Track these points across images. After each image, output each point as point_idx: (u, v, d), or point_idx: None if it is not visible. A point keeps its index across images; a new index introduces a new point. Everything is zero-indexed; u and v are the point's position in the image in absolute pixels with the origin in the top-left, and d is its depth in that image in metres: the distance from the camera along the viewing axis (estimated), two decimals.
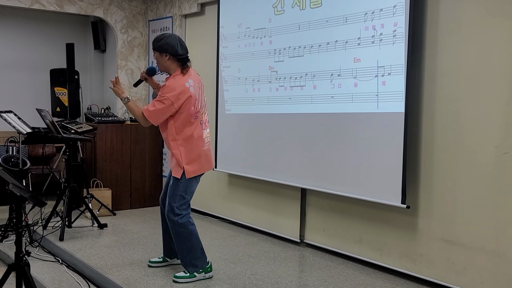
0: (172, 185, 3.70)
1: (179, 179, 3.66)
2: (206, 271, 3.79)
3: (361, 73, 4.00)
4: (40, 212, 5.31)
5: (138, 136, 6.34)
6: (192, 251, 3.73)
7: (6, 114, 4.94)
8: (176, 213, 3.66)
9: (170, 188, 3.72)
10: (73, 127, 5.44)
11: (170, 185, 3.73)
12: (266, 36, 4.85)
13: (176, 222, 3.67)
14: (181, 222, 3.67)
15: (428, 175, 3.71)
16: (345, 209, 4.32)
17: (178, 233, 3.70)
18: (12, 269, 3.00)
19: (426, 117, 3.72)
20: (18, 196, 2.92)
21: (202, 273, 3.76)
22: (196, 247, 3.74)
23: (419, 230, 3.78)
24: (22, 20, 7.20)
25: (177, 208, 3.66)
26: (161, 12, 6.63)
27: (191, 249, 3.72)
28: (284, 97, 4.67)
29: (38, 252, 4.53)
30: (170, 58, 3.60)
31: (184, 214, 3.68)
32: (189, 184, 3.70)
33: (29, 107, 6.31)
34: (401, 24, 3.69)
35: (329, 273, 4.00)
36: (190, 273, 3.73)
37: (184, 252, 3.73)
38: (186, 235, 3.70)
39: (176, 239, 3.73)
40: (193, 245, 3.73)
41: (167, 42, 3.58)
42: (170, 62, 3.61)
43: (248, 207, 5.32)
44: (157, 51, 3.61)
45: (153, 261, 4.09)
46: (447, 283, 3.61)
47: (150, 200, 6.47)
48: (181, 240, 3.71)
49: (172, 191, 3.69)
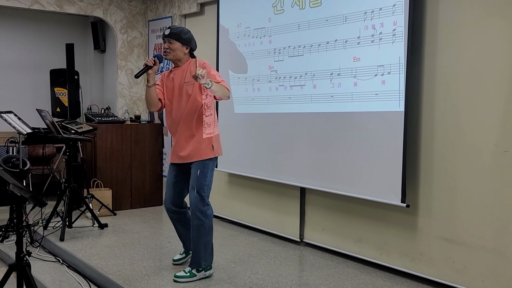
0: (200, 174, 3.66)
1: (207, 167, 3.68)
2: (206, 270, 3.80)
3: (360, 72, 4.00)
4: (40, 213, 5.31)
5: (138, 136, 6.34)
6: (208, 246, 3.77)
7: (6, 114, 4.94)
8: (206, 202, 3.68)
9: (197, 177, 3.66)
10: (73, 127, 5.44)
11: (197, 174, 3.67)
12: (265, 36, 4.85)
13: (205, 213, 3.67)
14: (209, 213, 3.70)
15: (427, 173, 3.72)
16: (344, 208, 4.32)
17: (203, 226, 3.68)
18: (13, 269, 3.01)
19: (426, 116, 3.72)
20: (18, 197, 2.92)
21: (202, 272, 3.77)
22: (210, 243, 3.80)
23: (419, 228, 3.79)
24: (22, 20, 7.21)
25: (206, 197, 3.69)
26: (160, 12, 6.63)
27: (208, 244, 3.76)
28: (284, 96, 4.68)
29: (38, 252, 4.54)
30: (187, 51, 3.79)
31: (209, 204, 3.73)
32: (213, 169, 3.77)
33: (29, 108, 6.32)
34: (401, 23, 3.70)
35: (329, 272, 4.00)
36: (190, 271, 3.74)
37: (201, 247, 3.72)
38: (209, 229, 3.72)
39: (197, 233, 3.70)
40: (210, 241, 3.78)
41: (192, 37, 3.83)
42: (187, 55, 3.80)
43: (248, 207, 5.33)
44: (181, 42, 3.73)
45: (176, 258, 4.11)
46: (447, 282, 3.61)
47: (150, 200, 6.47)
48: (203, 234, 3.70)
49: (200, 179, 3.66)
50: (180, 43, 3.72)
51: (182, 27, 3.85)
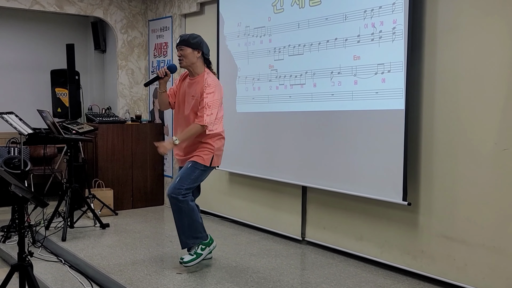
0: (188, 169, 3.86)
1: (200, 165, 3.85)
2: (208, 245, 3.97)
3: (361, 70, 4.01)
4: (42, 213, 5.32)
5: (139, 136, 6.35)
6: (192, 225, 3.90)
7: (7, 115, 4.95)
8: (182, 193, 3.82)
9: (185, 170, 3.87)
10: (74, 127, 5.45)
11: (186, 168, 3.87)
12: (265, 35, 4.86)
13: (179, 199, 3.81)
14: (183, 199, 3.83)
15: (428, 171, 3.72)
16: (345, 206, 4.33)
17: (180, 209, 3.85)
18: (15, 270, 3.02)
19: (426, 114, 3.72)
20: (20, 197, 2.93)
21: (206, 249, 3.94)
22: (197, 221, 3.92)
23: (419, 227, 3.79)
24: (22, 21, 7.22)
25: (184, 190, 3.82)
26: (160, 12, 6.64)
27: (192, 224, 3.89)
28: (284, 95, 4.68)
29: (40, 253, 4.55)
30: (200, 56, 3.88)
31: (188, 195, 3.86)
32: (204, 173, 3.92)
33: (30, 108, 6.32)
34: (400, 21, 3.70)
35: (331, 270, 4.01)
36: (194, 252, 3.91)
37: (184, 227, 3.89)
38: (188, 211, 3.85)
39: (177, 216, 3.89)
40: (194, 220, 3.89)
41: (202, 41, 3.92)
42: (200, 60, 3.90)
43: (249, 205, 5.33)
44: (192, 47, 3.86)
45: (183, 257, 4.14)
46: (448, 280, 3.62)
47: (152, 199, 6.48)
48: (182, 216, 3.86)
49: (186, 173, 3.85)
50: (190, 48, 3.85)
51: (192, 33, 3.96)
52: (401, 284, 3.72)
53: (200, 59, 3.89)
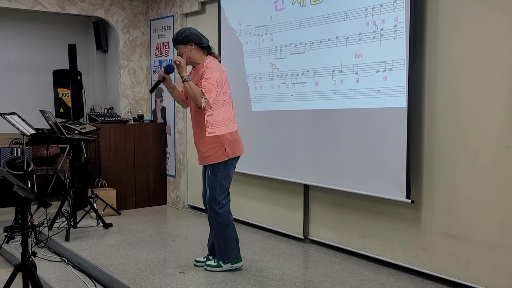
0: (210, 175, 3.80)
1: (217, 167, 3.76)
2: (233, 262, 3.92)
3: (362, 68, 4.00)
4: (45, 213, 5.33)
5: (141, 136, 6.36)
6: (228, 241, 3.86)
7: (10, 116, 4.96)
8: (217, 201, 3.79)
9: (208, 178, 3.82)
10: (76, 127, 5.46)
11: (208, 175, 3.82)
12: (267, 34, 4.86)
13: (216, 211, 3.80)
14: (221, 212, 3.81)
15: (430, 169, 3.72)
16: (348, 204, 4.33)
17: (217, 222, 3.83)
18: (18, 270, 3.03)
19: (428, 112, 3.72)
20: (23, 198, 2.94)
21: (228, 264, 3.90)
22: (232, 238, 3.88)
23: (422, 225, 3.79)
24: (23, 22, 7.23)
25: (218, 195, 3.79)
26: (162, 11, 6.64)
27: (227, 240, 3.85)
28: (286, 94, 4.68)
29: (44, 253, 4.56)
30: (195, 48, 3.75)
31: (224, 203, 3.83)
32: (228, 171, 3.82)
33: (33, 109, 6.34)
34: (402, 19, 3.69)
35: (334, 269, 4.01)
36: (217, 262, 3.90)
37: (221, 242, 3.86)
38: (224, 225, 3.83)
39: (214, 227, 3.88)
40: (229, 236, 3.86)
41: (190, 32, 3.76)
42: (195, 51, 3.76)
43: (252, 204, 5.33)
44: (181, 43, 3.75)
45: (198, 260, 4.13)
46: (450, 277, 3.61)
47: (154, 199, 6.49)
48: (218, 229, 3.84)
49: (210, 179, 3.80)
50: (182, 45, 3.76)
51: (179, 29, 3.83)
52: (404, 282, 3.72)
53: (196, 50, 3.75)
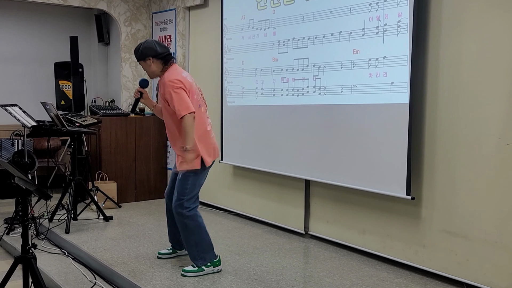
0: (181, 179, 3.68)
1: (189, 172, 3.64)
2: (215, 265, 3.78)
3: (365, 64, 3.99)
4: (46, 205, 5.34)
5: (142, 129, 6.36)
6: (200, 244, 3.73)
7: (11, 107, 4.96)
8: (184, 206, 3.67)
9: (178, 182, 3.70)
10: (77, 120, 5.46)
11: (178, 178, 3.71)
12: (269, 28, 4.84)
13: (184, 214, 3.68)
14: (189, 214, 3.68)
15: (431, 166, 3.71)
16: (349, 200, 4.32)
17: (186, 226, 3.70)
18: (18, 262, 3.03)
19: (430, 108, 3.70)
20: (23, 189, 2.94)
21: (210, 267, 3.76)
22: (204, 240, 3.74)
23: (422, 222, 3.79)
24: (26, 13, 7.21)
25: (186, 201, 3.67)
26: (164, 4, 6.62)
27: (199, 242, 3.72)
28: (288, 88, 4.67)
29: (44, 245, 4.57)
30: (153, 61, 3.68)
31: (192, 207, 3.70)
32: (198, 177, 3.71)
33: (34, 101, 6.34)
34: (405, 14, 3.68)
35: (334, 264, 4.01)
36: (198, 266, 3.73)
37: (192, 246, 3.73)
38: (194, 227, 3.70)
39: (184, 232, 3.73)
40: (202, 238, 3.73)
41: (145, 46, 3.69)
42: (154, 64, 3.69)
43: (253, 199, 5.34)
44: (141, 59, 3.71)
45: (162, 252, 4.11)
46: (450, 275, 3.61)
47: (155, 192, 6.49)
48: (189, 233, 3.71)
49: (181, 184, 3.68)
50: (142, 61, 3.71)
51: (137, 45, 3.76)
52: (404, 279, 3.72)
53: (156, 63, 3.66)
